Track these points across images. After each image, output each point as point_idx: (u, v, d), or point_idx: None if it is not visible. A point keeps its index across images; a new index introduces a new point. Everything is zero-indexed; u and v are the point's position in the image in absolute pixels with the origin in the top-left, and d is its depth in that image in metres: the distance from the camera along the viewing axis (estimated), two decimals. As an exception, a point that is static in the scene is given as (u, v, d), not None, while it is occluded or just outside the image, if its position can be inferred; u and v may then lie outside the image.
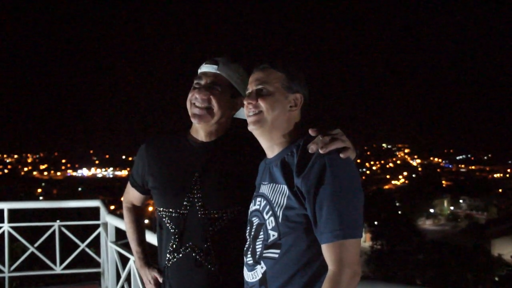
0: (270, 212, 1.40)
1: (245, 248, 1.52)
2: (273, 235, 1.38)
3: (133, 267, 3.25)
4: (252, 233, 1.48)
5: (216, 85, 1.65)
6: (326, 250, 1.28)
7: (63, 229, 5.03)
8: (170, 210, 1.68)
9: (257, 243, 1.44)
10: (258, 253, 1.42)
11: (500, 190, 60.97)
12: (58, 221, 5.10)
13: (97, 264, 5.04)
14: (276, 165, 1.44)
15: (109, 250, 4.11)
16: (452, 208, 56.66)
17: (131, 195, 1.94)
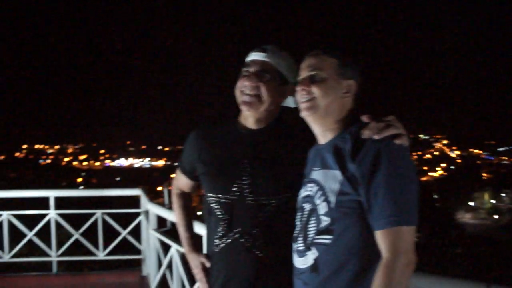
0: (322, 198, 1.40)
1: (295, 234, 1.52)
2: (325, 221, 1.37)
3: (175, 255, 3.31)
4: (303, 219, 1.47)
5: (265, 73, 1.66)
6: (381, 237, 1.26)
7: (105, 217, 5.20)
8: (219, 196, 1.70)
9: (308, 229, 1.43)
10: (309, 239, 1.42)
11: (545, 184, 58.43)
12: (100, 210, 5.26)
13: (138, 251, 5.18)
14: (329, 151, 1.43)
15: (151, 238, 4.21)
16: (493, 201, 54.82)
17: (180, 182, 1.98)
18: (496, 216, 49.04)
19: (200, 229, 2.34)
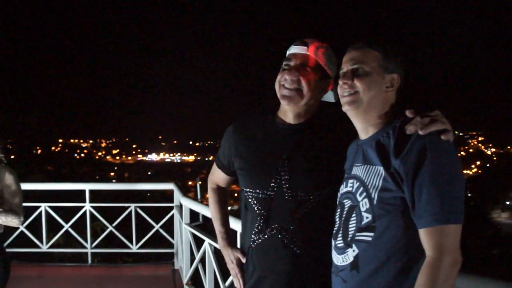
0: (364, 194, 1.36)
1: (334, 231, 1.49)
2: (367, 218, 1.34)
3: (208, 249, 3.33)
4: (344, 215, 1.44)
5: (305, 66, 1.63)
6: (425, 235, 1.22)
7: (139, 210, 5.29)
8: (257, 191, 1.68)
9: (349, 226, 1.40)
10: (350, 235, 1.39)
11: None
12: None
13: (171, 245, 5.25)
14: (371, 146, 1.39)
15: (184, 232, 4.25)
16: (531, 201, 52.90)
17: (216, 176, 1.97)
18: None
19: (234, 224, 2.34)
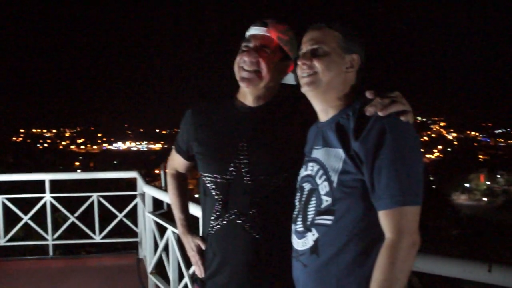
0: (324, 177, 1.33)
1: (294, 215, 1.46)
2: (327, 201, 1.31)
3: (171, 237, 3.27)
4: (303, 199, 1.41)
5: (265, 48, 1.58)
6: (384, 217, 1.20)
7: (102, 200, 5.16)
8: (215, 175, 1.63)
9: (308, 209, 1.38)
10: (309, 219, 1.36)
11: (541, 165, 58.84)
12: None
13: (135, 234, 5.17)
14: (331, 129, 1.36)
15: (147, 220, 4.17)
16: (488, 183, 55.20)
17: (175, 162, 1.92)
18: (491, 198, 49.40)
19: (195, 210, 2.29)
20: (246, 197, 1.59)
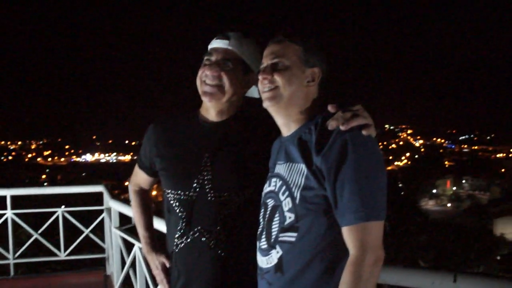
0: (287, 193, 1.31)
1: (258, 232, 1.44)
2: (290, 217, 1.29)
3: (138, 253, 3.19)
4: (267, 216, 1.39)
5: (227, 61, 1.56)
6: (348, 233, 1.19)
7: (67, 215, 4.99)
8: (179, 192, 1.59)
9: (272, 226, 1.35)
10: (273, 237, 1.34)
11: (503, 170, 61.08)
12: (63, 206, 5.05)
13: (102, 250, 5.02)
14: (293, 143, 1.35)
15: (113, 236, 4.06)
16: (454, 188, 56.74)
17: (138, 178, 1.86)
18: (458, 203, 50.73)
19: (162, 226, 2.23)
20: (211, 214, 1.55)
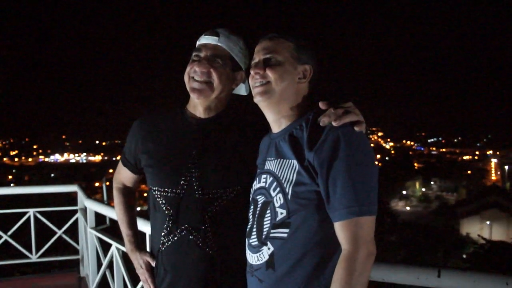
0: (278, 189, 1.31)
1: (248, 229, 1.43)
2: (282, 213, 1.29)
3: (116, 253, 3.13)
4: (257, 212, 1.39)
5: (216, 58, 1.55)
6: (340, 228, 1.20)
7: (39, 216, 4.85)
8: (166, 189, 1.57)
9: (263, 223, 1.35)
10: (264, 233, 1.34)
11: (469, 172, 62.92)
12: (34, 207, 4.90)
13: (75, 251, 4.90)
14: (284, 140, 1.35)
15: (89, 236, 3.97)
16: (423, 189, 58.07)
17: (122, 175, 1.83)
18: (426, 203, 51.93)
19: (143, 226, 2.20)
20: (198, 211, 1.53)
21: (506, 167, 60.18)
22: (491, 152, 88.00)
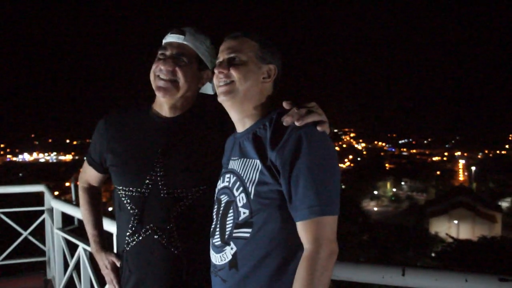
0: (241, 189, 1.32)
1: (211, 229, 1.43)
2: (244, 213, 1.29)
3: (83, 254, 3.07)
4: (220, 211, 1.38)
5: (182, 56, 1.54)
6: (302, 228, 1.21)
7: (3, 217, 4.71)
8: (130, 189, 1.56)
9: (226, 223, 1.35)
10: (227, 233, 1.33)
11: (438, 173, 64.51)
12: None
13: (42, 253, 4.77)
14: (248, 139, 1.35)
15: (55, 238, 3.88)
16: (394, 190, 59.21)
17: (87, 175, 1.80)
18: (397, 203, 52.96)
19: (109, 226, 2.16)
20: (163, 211, 1.52)
21: (473, 168, 61.97)
22: (459, 153, 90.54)
